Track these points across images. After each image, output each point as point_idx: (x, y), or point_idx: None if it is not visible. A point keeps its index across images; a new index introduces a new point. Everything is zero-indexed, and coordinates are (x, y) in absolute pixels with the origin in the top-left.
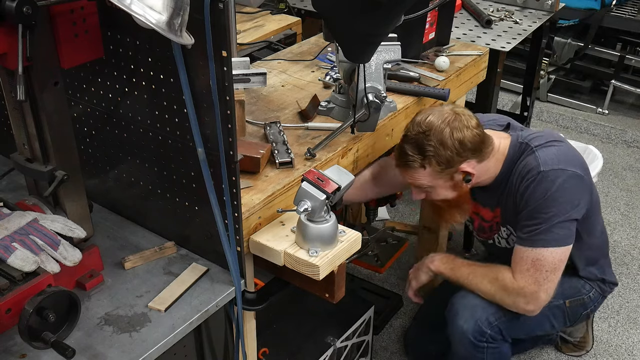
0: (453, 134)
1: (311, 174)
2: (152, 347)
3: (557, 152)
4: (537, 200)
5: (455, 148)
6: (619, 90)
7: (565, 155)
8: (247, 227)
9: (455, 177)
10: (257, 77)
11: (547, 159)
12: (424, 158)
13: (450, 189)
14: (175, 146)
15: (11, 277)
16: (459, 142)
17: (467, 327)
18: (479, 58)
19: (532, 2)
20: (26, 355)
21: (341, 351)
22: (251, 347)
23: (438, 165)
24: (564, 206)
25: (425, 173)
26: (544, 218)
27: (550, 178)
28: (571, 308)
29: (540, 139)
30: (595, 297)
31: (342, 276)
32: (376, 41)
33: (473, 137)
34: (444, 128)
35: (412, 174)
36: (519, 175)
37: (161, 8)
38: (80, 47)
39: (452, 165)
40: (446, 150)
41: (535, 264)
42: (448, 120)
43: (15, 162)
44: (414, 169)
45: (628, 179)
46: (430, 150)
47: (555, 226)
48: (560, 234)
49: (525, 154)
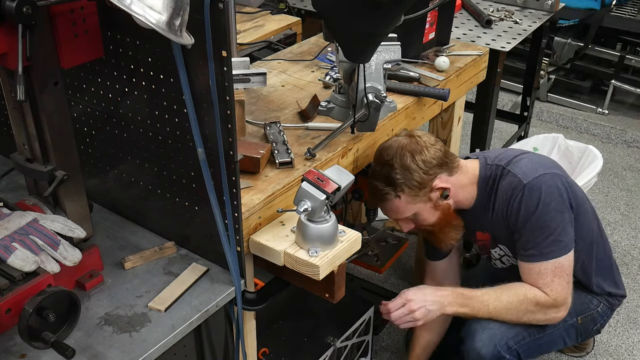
0: (414, 156)
1: (311, 174)
2: (152, 347)
3: (529, 161)
4: (532, 213)
5: (421, 168)
6: (619, 90)
7: (538, 161)
8: (247, 227)
9: (432, 196)
10: (257, 77)
11: (525, 171)
12: (395, 188)
13: (433, 209)
14: (175, 146)
15: (11, 277)
16: (422, 162)
17: (485, 351)
18: (479, 58)
19: (532, 2)
20: (26, 355)
21: (341, 351)
22: (251, 347)
23: (410, 189)
24: (557, 208)
25: (403, 202)
26: (546, 228)
27: (536, 187)
28: (583, 325)
29: (507, 157)
30: (604, 311)
31: (342, 276)
32: (376, 41)
33: (435, 153)
34: (404, 153)
35: (391, 207)
36: (503, 196)
37: (161, 8)
38: (80, 47)
39: (425, 185)
40: (413, 173)
41: (556, 273)
42: (404, 145)
43: (15, 162)
44: (390, 202)
45: (628, 179)
46: (399, 178)
47: (560, 233)
48: (566, 240)
49: (502, 175)
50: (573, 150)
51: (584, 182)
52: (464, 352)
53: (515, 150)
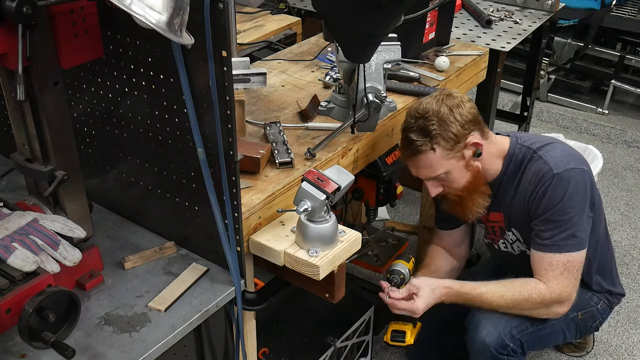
0: (452, 110)
1: (311, 174)
2: (152, 347)
3: (562, 152)
4: (556, 204)
5: (458, 121)
6: (619, 90)
7: (570, 153)
8: (247, 227)
9: (465, 154)
10: (257, 77)
11: (557, 161)
12: (431, 139)
13: (464, 169)
14: (175, 146)
15: (11, 277)
16: (459, 115)
17: (490, 340)
18: (479, 58)
19: (532, 2)
20: (26, 355)
21: (341, 351)
22: (251, 347)
23: (447, 142)
24: (580, 204)
25: (437, 156)
26: (566, 221)
27: (565, 179)
28: (583, 320)
29: (539, 142)
30: (603, 308)
31: (342, 276)
32: (376, 41)
33: (470, 109)
34: (441, 105)
35: (424, 162)
36: (530, 180)
37: (161, 8)
38: (80, 47)
39: (460, 139)
40: (449, 125)
41: (568, 267)
42: (441, 100)
43: (15, 162)
44: (424, 155)
45: (628, 179)
46: (435, 129)
47: (578, 229)
48: (582, 236)
49: (531, 159)
50: None
51: None
52: (468, 342)
53: (547, 137)
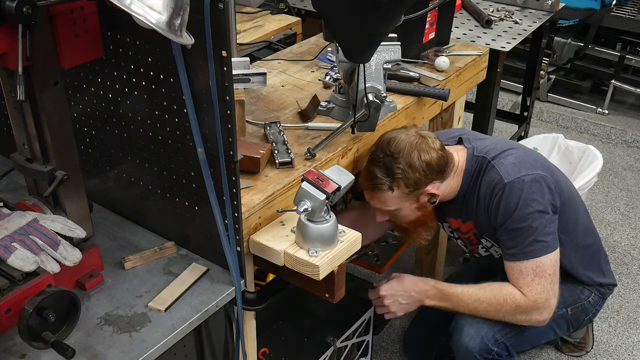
0: (421, 156)
1: (311, 174)
2: (152, 347)
3: (514, 159)
4: (512, 213)
5: (423, 170)
6: (619, 90)
7: (523, 160)
8: (247, 227)
9: (420, 199)
10: (257, 77)
11: (508, 170)
12: (392, 181)
13: (415, 211)
14: (175, 146)
15: (11, 277)
16: (426, 164)
17: (473, 345)
18: (479, 58)
19: (532, 2)
20: (26, 355)
21: (341, 351)
22: (251, 347)
23: (406, 187)
24: (538, 210)
25: (393, 196)
26: (526, 228)
27: (516, 187)
28: (573, 315)
29: (495, 150)
30: (596, 301)
31: (342, 276)
32: (376, 41)
33: (439, 159)
34: (412, 150)
35: (379, 197)
36: (485, 192)
37: (161, 8)
38: (80, 47)
39: (419, 187)
40: (414, 172)
41: (537, 273)
42: (415, 143)
43: (15, 162)
44: (382, 192)
45: (628, 179)
46: (399, 173)
47: (540, 233)
48: (547, 240)
49: (486, 169)
50: (573, 150)
51: (584, 182)
52: (453, 347)
53: (505, 143)
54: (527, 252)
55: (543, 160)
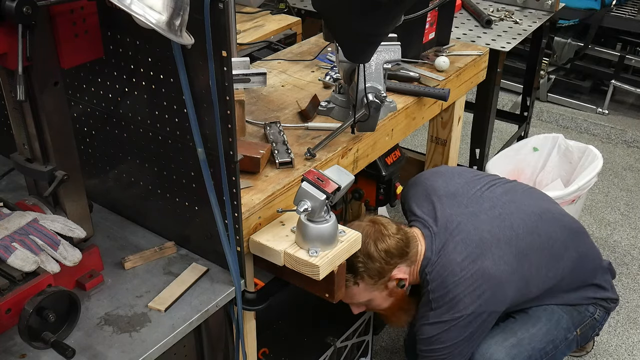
0: (377, 245)
1: (311, 174)
2: (152, 347)
3: (450, 301)
4: (424, 345)
5: (382, 258)
6: (619, 90)
7: (458, 301)
8: (247, 227)
9: (389, 285)
10: (257, 77)
11: (436, 313)
12: (355, 275)
13: (388, 297)
14: (175, 146)
15: (11, 277)
16: (384, 252)
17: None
18: (479, 58)
19: (532, 2)
20: (26, 355)
21: (341, 351)
22: (251, 347)
23: (370, 278)
24: (455, 346)
25: (360, 289)
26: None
27: (436, 322)
28: (582, 335)
29: (439, 277)
30: (601, 316)
31: (342, 276)
32: (376, 41)
33: (397, 244)
34: (368, 241)
35: (347, 293)
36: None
37: (161, 8)
38: (80, 47)
39: (384, 275)
40: (375, 262)
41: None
42: (368, 233)
43: (15, 162)
44: (349, 289)
45: (628, 179)
46: (360, 267)
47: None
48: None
49: (424, 302)
50: (573, 150)
51: (584, 182)
52: None
53: (454, 266)
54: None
55: (493, 282)
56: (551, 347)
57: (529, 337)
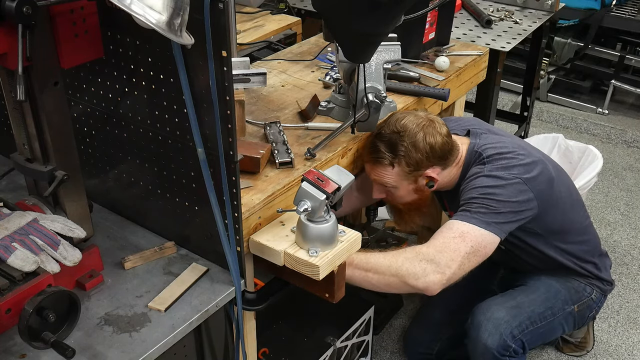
0: (426, 138)
1: (311, 174)
2: (152, 347)
3: (506, 164)
4: (474, 187)
5: (426, 152)
6: (619, 90)
7: (512, 166)
8: (247, 227)
9: (419, 181)
10: (257, 77)
11: (492, 168)
12: (394, 157)
13: (412, 192)
14: (175, 146)
15: (11, 277)
16: (430, 147)
17: (492, 342)
18: (479, 58)
19: (532, 2)
20: (26, 355)
21: (341, 351)
22: (251, 347)
23: (407, 166)
24: (498, 198)
25: (393, 172)
26: (485, 205)
27: (493, 177)
28: (580, 312)
29: (493, 149)
30: (598, 297)
31: (342, 276)
32: (376, 41)
33: (443, 145)
34: (418, 131)
35: (379, 171)
36: (466, 179)
37: (161, 8)
38: (80, 47)
39: (420, 168)
40: (417, 152)
41: (464, 236)
42: (422, 125)
43: (15, 162)
44: (382, 166)
45: (628, 179)
46: (402, 151)
47: (493, 216)
48: (495, 223)
49: (476, 164)
50: (573, 150)
51: (584, 182)
52: (469, 344)
53: (507, 145)
54: (471, 218)
55: (534, 170)
56: (549, 312)
57: (528, 301)
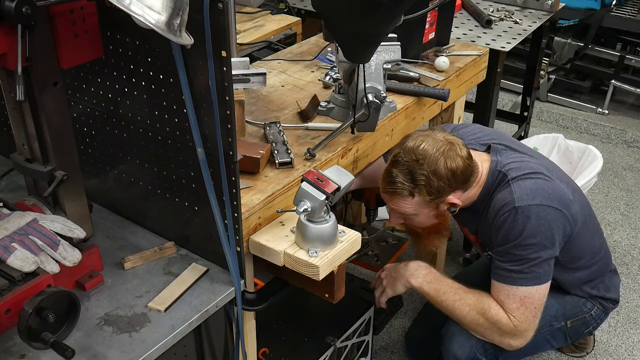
0: (447, 163)
1: (311, 174)
2: (152, 347)
3: (533, 185)
4: (514, 238)
5: (448, 178)
6: (619, 90)
7: (542, 189)
8: (247, 227)
9: (440, 207)
10: (257, 77)
11: (522, 194)
12: (414, 187)
13: (433, 218)
14: (175, 146)
15: (11, 277)
16: (452, 173)
17: (461, 354)
18: (479, 58)
19: (532, 2)
20: (26, 356)
21: (341, 351)
22: (251, 347)
23: (428, 195)
24: (542, 243)
25: (413, 202)
26: (523, 257)
27: (525, 214)
28: (573, 328)
29: (518, 170)
30: (598, 314)
31: (342, 276)
32: (376, 41)
33: (465, 169)
34: (439, 157)
35: (398, 201)
36: (493, 208)
37: (160, 8)
38: (80, 47)
39: (442, 195)
40: (439, 180)
41: (525, 302)
42: (443, 150)
43: (15, 162)
44: (401, 197)
45: (628, 179)
46: (422, 180)
47: (536, 265)
48: (541, 272)
49: (502, 185)
50: (573, 150)
51: (584, 182)
52: (442, 353)
53: (532, 165)
54: (517, 279)
55: (561, 192)
56: None
57: None
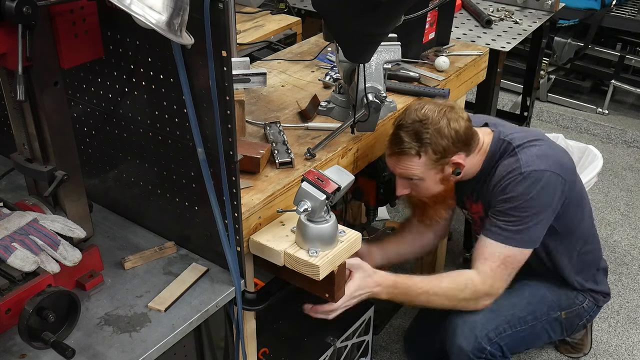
0: (450, 123)
1: (311, 174)
2: (152, 347)
3: (538, 152)
4: (517, 200)
5: (452, 137)
6: (619, 90)
7: (548, 155)
8: (247, 227)
9: (445, 169)
10: (257, 77)
11: (528, 160)
12: (421, 145)
13: (439, 183)
14: (175, 146)
15: (11, 277)
16: (455, 132)
17: (467, 344)
18: (479, 58)
19: (532, 2)
20: (26, 356)
21: (341, 351)
22: (251, 347)
23: (434, 154)
24: (541, 207)
25: (420, 162)
26: (521, 218)
27: (532, 178)
28: (567, 319)
29: (521, 139)
30: (590, 306)
31: (342, 276)
32: (376, 41)
33: (467, 129)
34: (441, 118)
35: (405, 163)
36: (499, 173)
37: (161, 8)
38: (80, 47)
39: (447, 155)
40: (443, 139)
41: (506, 262)
42: (444, 111)
43: (15, 162)
44: (409, 157)
45: (628, 179)
46: (427, 138)
47: (530, 229)
48: (532, 236)
49: (508, 154)
50: (573, 150)
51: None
52: (447, 346)
53: (532, 133)
54: (509, 238)
55: (565, 159)
56: (531, 317)
57: (509, 305)
